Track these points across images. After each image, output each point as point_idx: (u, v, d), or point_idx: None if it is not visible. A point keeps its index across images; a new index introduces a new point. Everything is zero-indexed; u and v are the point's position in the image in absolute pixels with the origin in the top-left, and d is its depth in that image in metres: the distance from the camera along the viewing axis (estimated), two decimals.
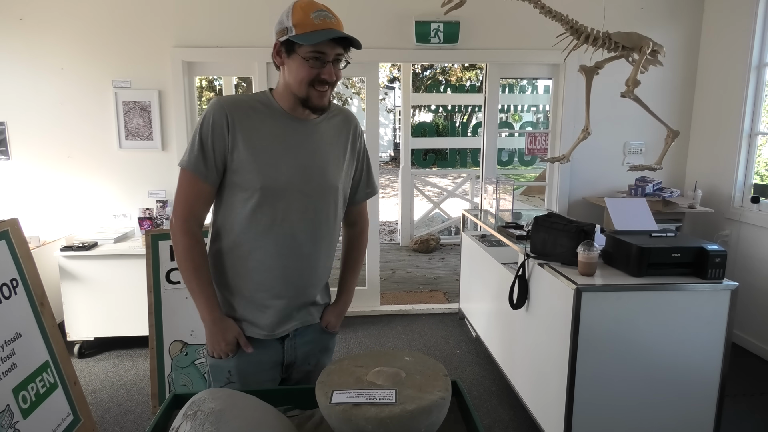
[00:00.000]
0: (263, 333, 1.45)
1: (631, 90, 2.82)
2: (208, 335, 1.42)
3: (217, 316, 1.41)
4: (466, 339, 3.78)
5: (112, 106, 3.68)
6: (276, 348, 1.47)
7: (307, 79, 1.32)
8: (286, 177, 1.39)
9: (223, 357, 1.44)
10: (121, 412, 2.83)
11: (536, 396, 2.57)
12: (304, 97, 1.35)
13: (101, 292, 3.43)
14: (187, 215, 1.38)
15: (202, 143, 1.35)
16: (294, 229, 1.41)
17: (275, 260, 1.41)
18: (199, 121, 1.37)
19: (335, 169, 1.47)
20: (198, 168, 1.35)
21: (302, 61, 1.30)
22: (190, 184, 1.37)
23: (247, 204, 1.38)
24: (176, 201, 1.40)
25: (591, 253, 2.20)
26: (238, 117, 1.35)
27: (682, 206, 3.67)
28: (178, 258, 1.40)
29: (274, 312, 1.44)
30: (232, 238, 1.41)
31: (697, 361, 2.21)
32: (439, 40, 3.74)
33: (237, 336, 1.42)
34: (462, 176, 7.50)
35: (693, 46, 4.03)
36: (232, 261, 1.42)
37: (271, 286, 1.43)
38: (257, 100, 1.40)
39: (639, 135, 4.10)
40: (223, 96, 1.39)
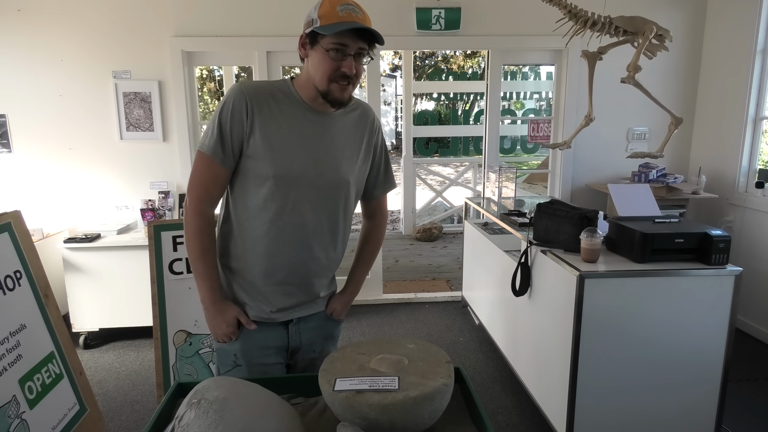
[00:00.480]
0: (265, 314, 1.46)
1: (632, 75, 2.79)
2: (208, 318, 1.44)
3: (217, 298, 1.42)
4: (469, 327, 3.79)
5: (113, 98, 3.67)
6: (280, 332, 1.49)
7: (328, 71, 1.31)
8: (300, 168, 1.39)
9: (226, 340, 1.45)
10: (127, 402, 2.85)
11: (539, 382, 2.58)
12: (325, 90, 1.35)
13: (105, 283, 3.45)
14: (203, 196, 1.40)
15: (221, 128, 1.36)
16: (303, 220, 1.42)
17: (281, 248, 1.42)
18: (219, 106, 1.37)
19: (349, 163, 1.47)
20: (216, 152, 1.36)
21: (324, 53, 1.30)
22: (207, 166, 1.38)
23: (259, 191, 1.38)
24: (192, 182, 1.40)
25: (594, 239, 2.19)
26: (257, 104, 1.36)
27: (686, 192, 3.65)
28: (187, 238, 1.41)
29: (277, 298, 1.46)
30: (242, 223, 1.42)
31: (701, 346, 2.21)
32: (441, 27, 3.71)
33: (237, 315, 1.44)
34: (464, 164, 7.48)
35: (697, 30, 3.98)
36: (239, 245, 1.43)
37: (275, 273, 1.44)
38: (278, 88, 1.40)
39: (643, 121, 4.07)
40: (244, 81, 1.41)
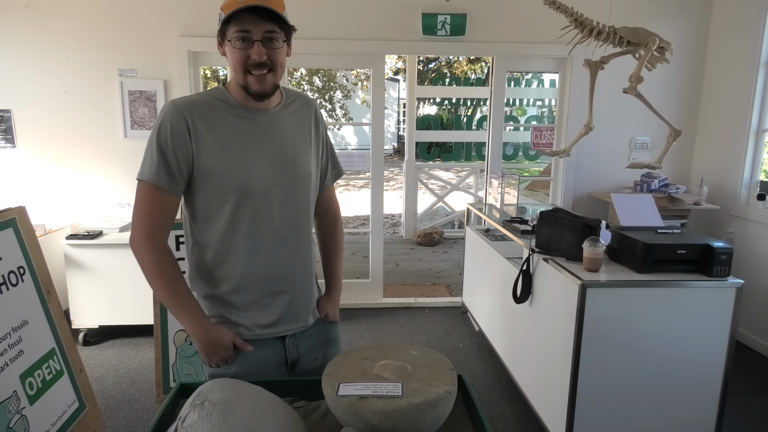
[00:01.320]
0: (261, 331, 1.39)
1: (634, 86, 2.80)
2: (203, 347, 1.33)
3: (207, 325, 1.32)
4: (468, 333, 3.79)
5: (118, 95, 3.68)
6: (276, 347, 1.42)
7: (240, 62, 1.26)
8: (260, 172, 1.33)
9: (222, 364, 1.36)
10: (126, 400, 2.85)
11: (538, 390, 2.58)
12: (243, 84, 1.30)
13: (106, 280, 3.45)
14: (152, 229, 1.29)
15: (162, 151, 1.26)
16: (275, 224, 1.36)
17: (264, 259, 1.36)
18: (155, 129, 1.28)
19: (305, 155, 1.42)
20: (160, 178, 1.26)
21: (230, 44, 1.26)
22: (151, 196, 1.27)
23: (224, 207, 1.31)
24: (136, 217, 1.29)
25: (596, 248, 2.20)
26: (198, 118, 1.28)
27: (688, 203, 3.66)
28: (149, 276, 1.30)
29: (273, 311, 1.40)
30: (215, 247, 1.34)
31: (701, 358, 2.21)
32: (446, 33, 3.72)
33: (232, 339, 1.35)
34: (465, 170, 7.48)
35: (701, 41, 4.00)
36: (219, 270, 1.36)
37: (265, 285, 1.38)
38: (213, 96, 1.34)
39: (645, 130, 4.08)
40: (176, 99, 1.32)
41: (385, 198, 4.29)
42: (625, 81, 2.86)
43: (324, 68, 11.85)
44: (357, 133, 17.93)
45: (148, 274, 1.30)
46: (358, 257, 5.79)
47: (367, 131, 3.79)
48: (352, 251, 6.07)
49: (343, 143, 18.01)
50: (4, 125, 3.67)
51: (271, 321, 1.40)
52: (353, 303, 4.22)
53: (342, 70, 12.73)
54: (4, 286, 1.86)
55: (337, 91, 13.57)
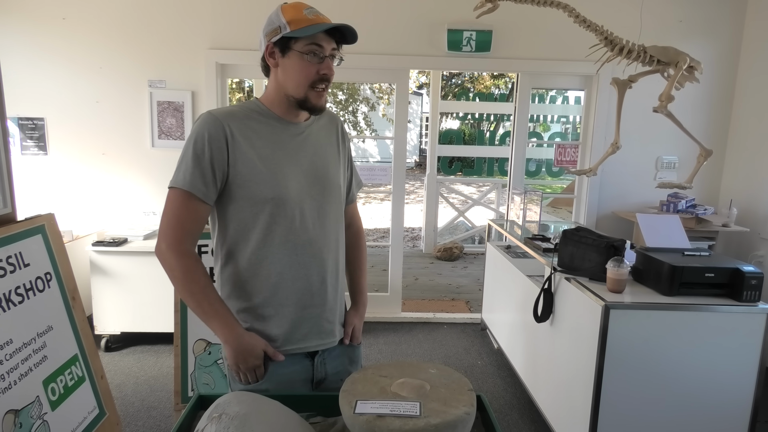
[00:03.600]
0: (294, 347, 1.39)
1: (664, 105, 2.76)
2: (233, 354, 1.31)
3: (240, 331, 1.31)
4: (487, 350, 3.74)
5: (147, 106, 3.76)
6: (306, 365, 1.42)
7: (309, 76, 1.29)
8: (295, 183, 1.34)
9: (251, 379, 1.35)
10: (144, 408, 2.87)
11: (559, 412, 2.53)
12: (303, 98, 1.32)
13: (129, 287, 3.50)
14: (181, 237, 1.28)
15: (198, 159, 1.26)
16: (310, 236, 1.37)
17: (298, 270, 1.36)
18: (192, 137, 1.28)
19: (335, 168, 1.45)
20: (195, 185, 1.26)
21: (300, 57, 1.27)
22: (184, 204, 1.27)
23: (259, 218, 1.32)
24: (165, 224, 1.28)
25: (621, 269, 2.15)
26: (236, 128, 1.30)
27: (716, 224, 3.57)
28: (178, 284, 1.29)
29: (304, 324, 1.39)
30: (247, 257, 1.34)
31: (729, 385, 2.14)
32: (471, 48, 3.73)
33: (264, 347, 1.34)
34: (487, 185, 7.44)
35: (731, 60, 3.93)
36: (253, 281, 1.35)
37: (299, 298, 1.37)
38: (249, 108, 1.36)
39: (673, 150, 4.01)
40: (213, 109, 1.33)
41: (406, 211, 4.29)
42: (653, 100, 2.82)
43: (348, 82, 11.97)
44: (379, 145, 18.00)
45: (177, 282, 1.29)
46: (377, 270, 5.78)
47: (389, 144, 3.80)
48: (371, 264, 6.06)
49: (366, 156, 18.10)
50: (38, 133, 3.78)
51: (303, 334, 1.40)
52: (371, 316, 4.20)
53: (366, 83, 12.83)
54: (31, 292, 1.90)
55: (360, 103, 13.67)
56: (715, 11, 3.87)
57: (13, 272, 1.84)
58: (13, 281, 1.83)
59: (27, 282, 1.88)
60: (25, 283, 1.88)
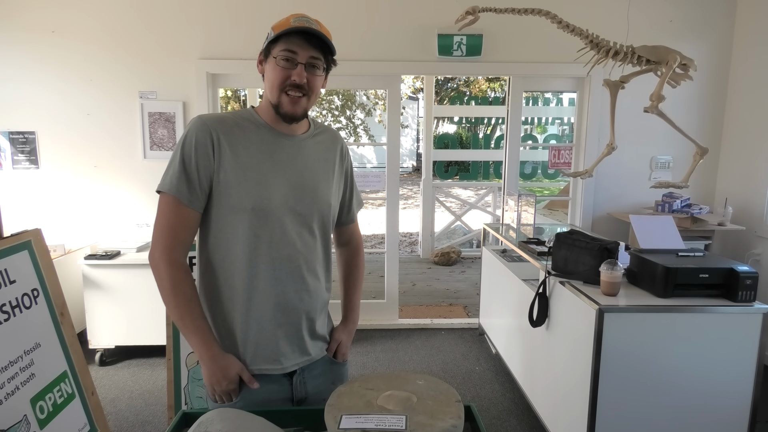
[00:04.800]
0: (270, 367, 1.34)
1: (655, 105, 2.75)
2: (208, 374, 1.29)
3: (216, 351, 1.28)
4: (485, 355, 3.72)
5: (138, 117, 3.75)
6: (284, 384, 1.38)
7: (278, 80, 1.28)
8: (279, 195, 1.30)
9: (225, 399, 1.31)
10: (139, 422, 2.84)
11: (557, 417, 2.50)
12: (276, 103, 1.30)
13: (123, 300, 3.47)
14: (172, 245, 1.27)
15: (184, 164, 1.25)
16: (290, 251, 1.33)
17: (274, 287, 1.32)
18: (180, 142, 1.28)
19: (326, 186, 1.41)
20: (181, 191, 1.25)
21: (275, 62, 1.28)
22: (172, 210, 1.26)
23: (239, 228, 1.29)
24: (157, 230, 1.28)
25: (614, 272, 2.13)
26: (224, 134, 1.28)
27: (712, 223, 3.55)
28: (165, 294, 1.27)
29: (280, 343, 1.35)
30: (226, 268, 1.31)
31: (727, 386, 2.12)
32: (462, 53, 3.72)
33: (239, 372, 1.30)
34: (483, 188, 7.42)
35: (724, 59, 3.92)
36: (228, 293, 1.31)
37: (274, 315, 1.33)
38: (241, 116, 1.34)
39: (667, 149, 3.99)
40: (204, 114, 1.33)
41: (402, 216, 4.26)
42: (646, 100, 2.81)
43: (340, 89, 11.98)
44: (376, 150, 18.02)
45: (163, 291, 1.28)
46: (374, 277, 5.75)
47: (386, 149, 3.79)
48: (368, 271, 6.03)
49: (362, 161, 18.11)
50: (29, 146, 3.76)
51: (277, 353, 1.35)
52: (368, 324, 4.17)
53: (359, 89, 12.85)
54: (17, 309, 1.87)
55: (356, 110, 13.68)
56: (706, 10, 3.86)
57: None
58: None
59: (13, 299, 1.86)
60: (11, 300, 1.85)
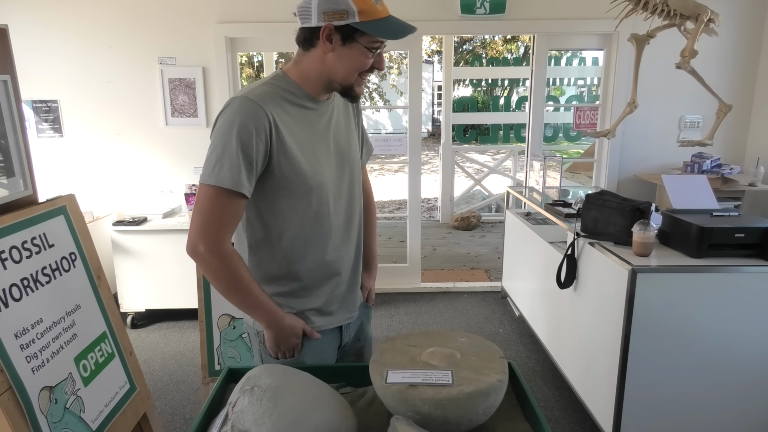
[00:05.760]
0: (330, 324, 1.41)
1: (687, 61, 2.66)
2: (275, 336, 1.32)
3: (281, 315, 1.31)
4: (509, 318, 3.74)
5: (159, 84, 3.73)
6: (336, 333, 1.45)
7: (361, 67, 1.23)
8: (327, 168, 1.31)
9: (288, 356, 1.36)
10: (173, 381, 2.93)
11: (584, 377, 2.52)
12: (349, 85, 1.26)
13: (151, 265, 3.54)
14: (222, 237, 1.20)
15: (244, 153, 1.16)
16: (340, 217, 1.37)
17: (333, 253, 1.36)
18: (230, 126, 1.16)
19: (355, 143, 1.43)
20: (241, 183, 1.17)
21: (365, 52, 1.20)
22: (225, 202, 1.18)
23: (299, 206, 1.28)
24: (204, 222, 1.18)
25: (647, 232, 2.11)
26: (277, 113, 1.21)
27: (743, 184, 3.48)
28: (223, 284, 1.24)
29: (337, 301, 1.41)
30: (283, 245, 1.31)
31: (760, 348, 2.11)
32: (485, 11, 3.61)
33: (303, 327, 1.35)
34: (503, 152, 7.34)
35: (759, 13, 3.75)
36: (289, 268, 1.33)
37: (335, 279, 1.39)
38: (281, 87, 1.26)
39: (696, 108, 3.88)
40: (248, 93, 1.20)
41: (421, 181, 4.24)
42: (674, 57, 2.72)
43: None
44: (391, 116, 17.83)
45: (221, 283, 1.24)
46: (394, 242, 5.78)
47: (402, 114, 3.73)
48: (388, 236, 6.06)
49: (378, 127, 17.95)
50: (52, 115, 3.78)
51: (334, 311, 1.41)
52: (391, 287, 4.21)
53: None
54: (57, 272, 1.91)
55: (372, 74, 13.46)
56: None
57: (39, 253, 1.86)
58: (39, 262, 1.84)
59: (53, 262, 1.90)
60: (51, 264, 1.89)
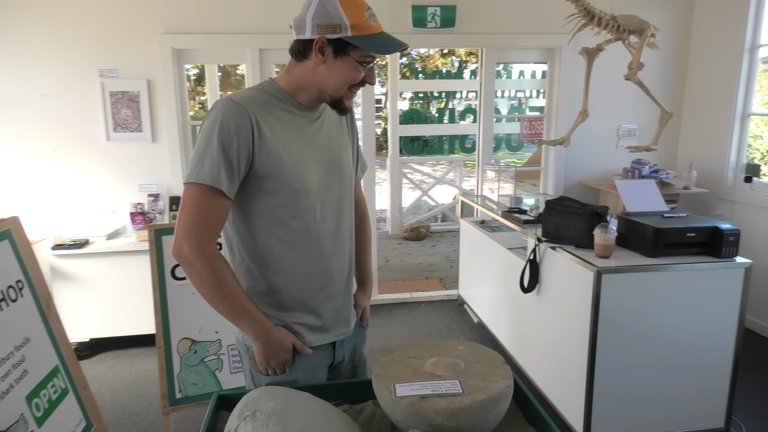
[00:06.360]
0: (320, 338, 1.37)
1: (635, 72, 2.83)
2: (263, 350, 1.28)
3: (270, 326, 1.28)
4: (468, 325, 3.78)
5: (99, 97, 3.52)
6: (328, 351, 1.41)
7: (352, 80, 1.24)
8: (315, 173, 1.30)
9: (279, 371, 1.32)
10: (127, 415, 2.74)
11: (552, 378, 2.58)
12: (339, 97, 1.27)
13: (95, 291, 3.31)
14: (207, 239, 1.19)
15: (224, 150, 1.17)
16: (328, 226, 1.34)
17: (320, 263, 1.33)
18: (212, 126, 1.18)
19: (346, 156, 1.42)
20: (222, 181, 1.17)
21: (355, 65, 1.22)
22: (209, 201, 1.18)
23: (283, 211, 1.26)
24: (188, 223, 1.18)
25: (608, 235, 2.20)
26: (260, 115, 1.22)
27: (678, 187, 3.72)
28: (207, 288, 1.22)
29: (327, 314, 1.38)
30: (270, 252, 1.28)
31: (713, 337, 2.25)
32: (436, 25, 3.68)
33: (293, 341, 1.31)
34: (441, 163, 7.47)
35: (685, 27, 4.06)
36: (275, 276, 1.30)
37: (321, 289, 1.35)
38: (268, 93, 1.27)
39: (633, 118, 4.13)
40: (232, 94, 1.24)
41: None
42: (613, 69, 2.88)
43: None
44: None
45: (205, 286, 1.22)
46: None
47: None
48: None
49: None
50: None
51: (327, 326, 1.38)
52: None
53: None
54: (3, 302, 1.75)
55: None
56: None
57: None
58: None
59: None
60: None
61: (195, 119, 3.89)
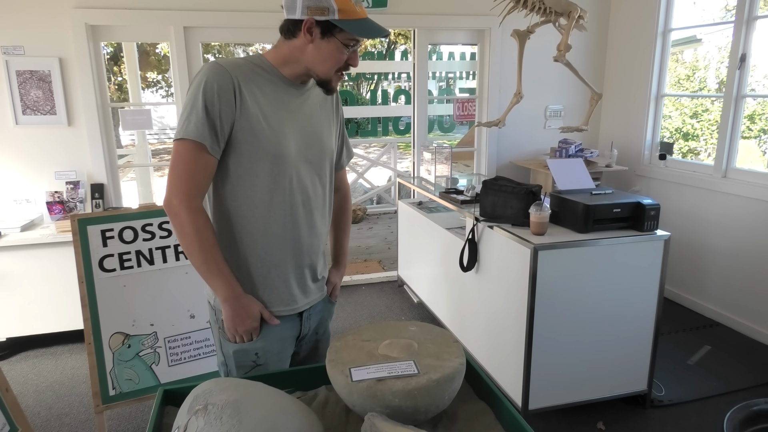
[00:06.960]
0: (286, 308, 1.42)
1: (563, 54, 2.93)
2: (231, 315, 1.34)
3: (240, 292, 1.33)
4: (408, 305, 3.84)
5: (4, 77, 3.21)
6: (295, 322, 1.47)
7: (339, 63, 1.31)
8: (294, 143, 1.35)
9: (246, 339, 1.37)
10: (54, 416, 2.57)
11: (491, 354, 2.68)
12: (327, 80, 1.34)
13: (10, 287, 3.06)
14: (193, 192, 1.27)
15: (207, 109, 1.24)
16: (304, 197, 1.39)
17: (291, 231, 1.38)
18: (198, 86, 1.25)
19: (328, 134, 1.47)
20: (204, 136, 1.24)
21: (340, 47, 1.29)
22: (194, 156, 1.25)
23: (258, 175, 1.32)
24: (175, 177, 1.26)
25: (543, 212, 2.29)
26: (243, 80, 1.28)
27: (601, 165, 3.93)
28: (187, 240, 1.28)
29: (295, 284, 1.43)
30: (243, 214, 1.34)
31: (637, 305, 2.41)
32: (368, 4, 3.64)
33: (261, 310, 1.37)
34: (374, 145, 7.48)
35: (603, 10, 4.25)
36: (246, 239, 1.36)
37: (290, 258, 1.40)
38: (255, 63, 1.33)
39: (558, 99, 4.30)
40: (221, 59, 1.30)
41: None
42: (541, 51, 2.97)
43: (243, 43, 11.22)
44: None
45: (186, 238, 1.28)
46: None
47: None
48: None
49: None
50: None
51: (294, 294, 1.43)
52: None
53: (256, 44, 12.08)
54: None
55: None
56: None
57: None
58: None
59: None
60: None
61: (115, 102, 3.64)
